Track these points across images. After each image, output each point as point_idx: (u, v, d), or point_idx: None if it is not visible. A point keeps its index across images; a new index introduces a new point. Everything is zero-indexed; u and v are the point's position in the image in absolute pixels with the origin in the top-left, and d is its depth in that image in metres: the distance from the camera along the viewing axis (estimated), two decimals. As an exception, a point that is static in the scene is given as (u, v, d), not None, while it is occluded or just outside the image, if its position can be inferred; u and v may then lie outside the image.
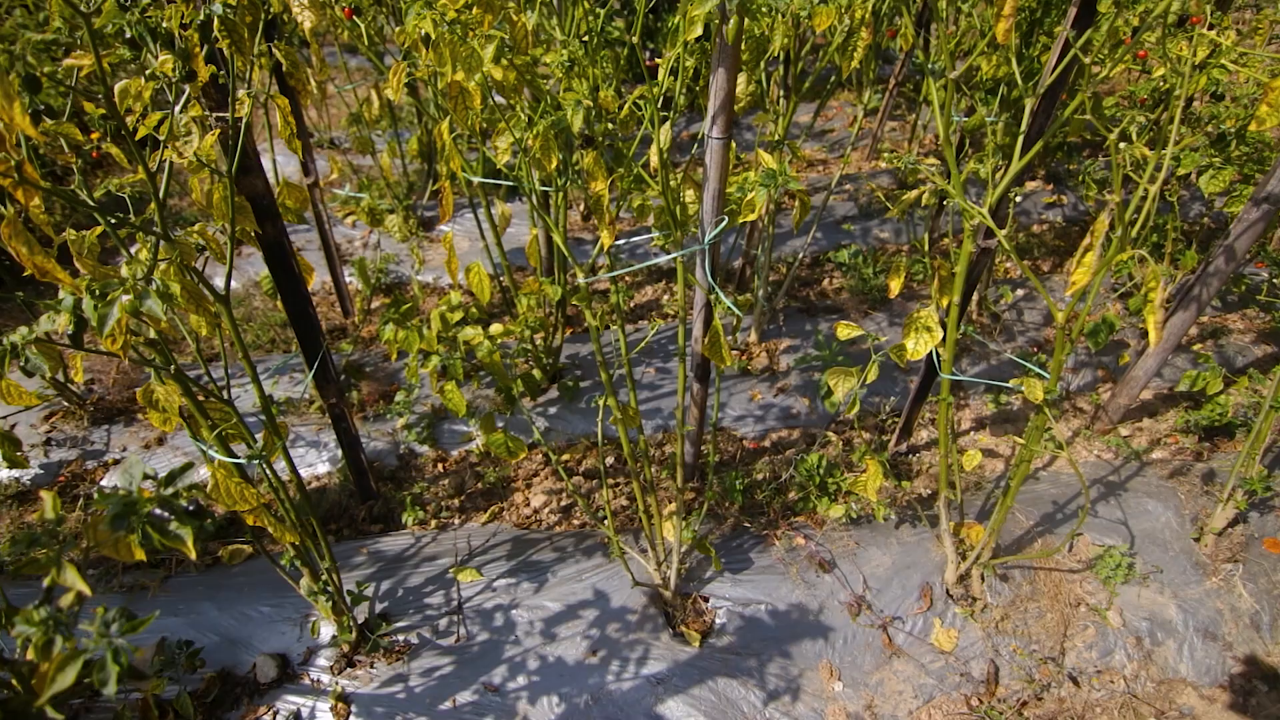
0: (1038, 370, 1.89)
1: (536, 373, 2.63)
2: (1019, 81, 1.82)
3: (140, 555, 0.97)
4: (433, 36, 1.36)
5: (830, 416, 2.63)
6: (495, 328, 2.11)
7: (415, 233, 3.62)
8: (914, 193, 1.74)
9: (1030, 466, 1.84)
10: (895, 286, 1.96)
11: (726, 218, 1.73)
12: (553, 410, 2.64)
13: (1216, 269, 2.18)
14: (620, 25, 1.93)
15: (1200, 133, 2.59)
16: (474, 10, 1.70)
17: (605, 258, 1.71)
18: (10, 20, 2.98)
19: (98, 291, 1.13)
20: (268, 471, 1.68)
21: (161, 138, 1.21)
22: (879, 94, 4.52)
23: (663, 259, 1.86)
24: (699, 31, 1.32)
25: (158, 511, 0.87)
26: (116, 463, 2.58)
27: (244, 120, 1.46)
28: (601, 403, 1.83)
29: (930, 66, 2.99)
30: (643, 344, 1.78)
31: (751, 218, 1.64)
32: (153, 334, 1.40)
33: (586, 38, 1.91)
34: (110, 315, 1.13)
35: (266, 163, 3.94)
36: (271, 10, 1.93)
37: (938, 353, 2.07)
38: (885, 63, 5.11)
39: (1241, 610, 2.08)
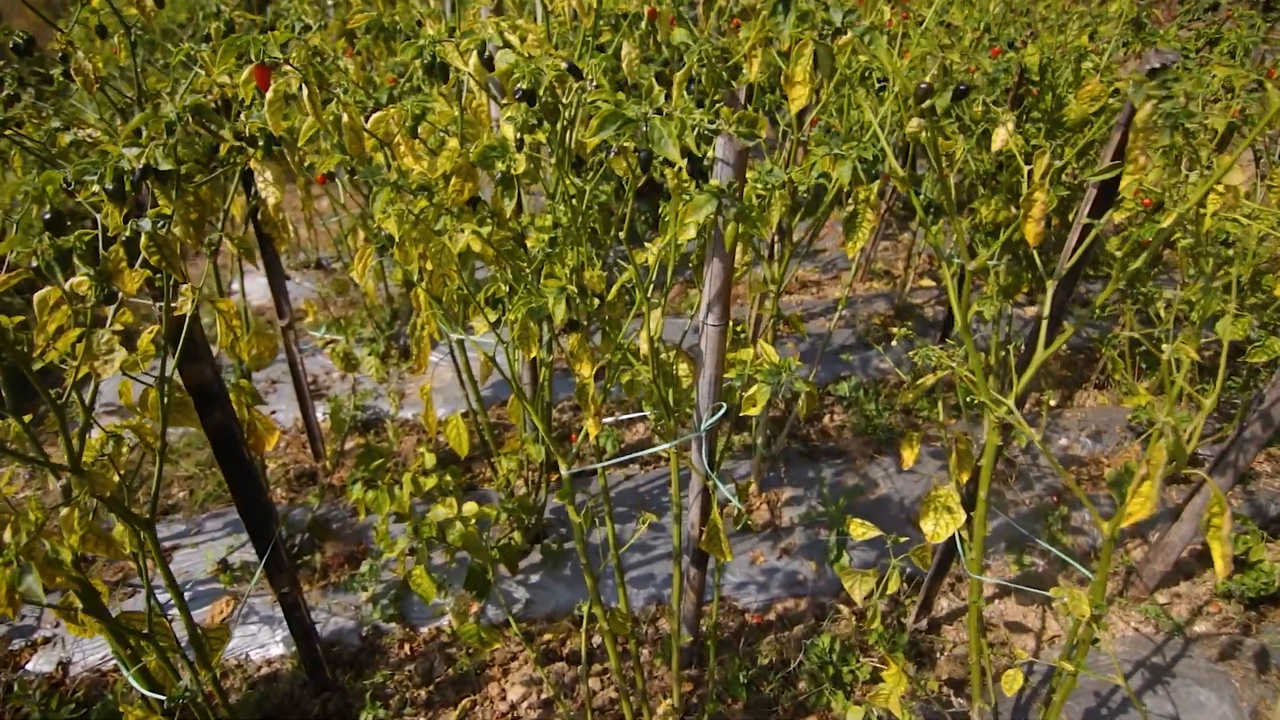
0: (1079, 566, 1.69)
1: (517, 535, 2.41)
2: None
3: None
4: (396, 237, 1.23)
5: (840, 582, 2.40)
6: (469, 507, 1.91)
7: (398, 364, 3.48)
8: (930, 377, 1.59)
9: (1076, 681, 1.61)
10: (909, 458, 1.79)
11: (724, 405, 1.57)
12: (535, 578, 2.41)
13: (1253, 435, 2.02)
14: (608, 189, 1.84)
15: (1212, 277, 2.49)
16: (453, 181, 1.59)
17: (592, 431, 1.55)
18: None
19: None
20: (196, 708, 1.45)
21: (75, 363, 1.05)
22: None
23: (659, 447, 1.69)
24: (693, 234, 1.19)
25: None
26: (46, 641, 2.31)
27: (188, 315, 1.31)
28: (586, 609, 1.61)
29: (923, 197, 2.93)
30: (634, 539, 1.60)
31: (754, 412, 1.48)
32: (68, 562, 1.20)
33: (574, 200, 1.80)
34: (-17, 592, 0.93)
35: (241, 284, 3.83)
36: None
37: (960, 535, 1.88)
38: (875, 180, 5.15)
39: (1324, 834, 1.80)
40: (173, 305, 1.27)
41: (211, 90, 1.91)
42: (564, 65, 1.11)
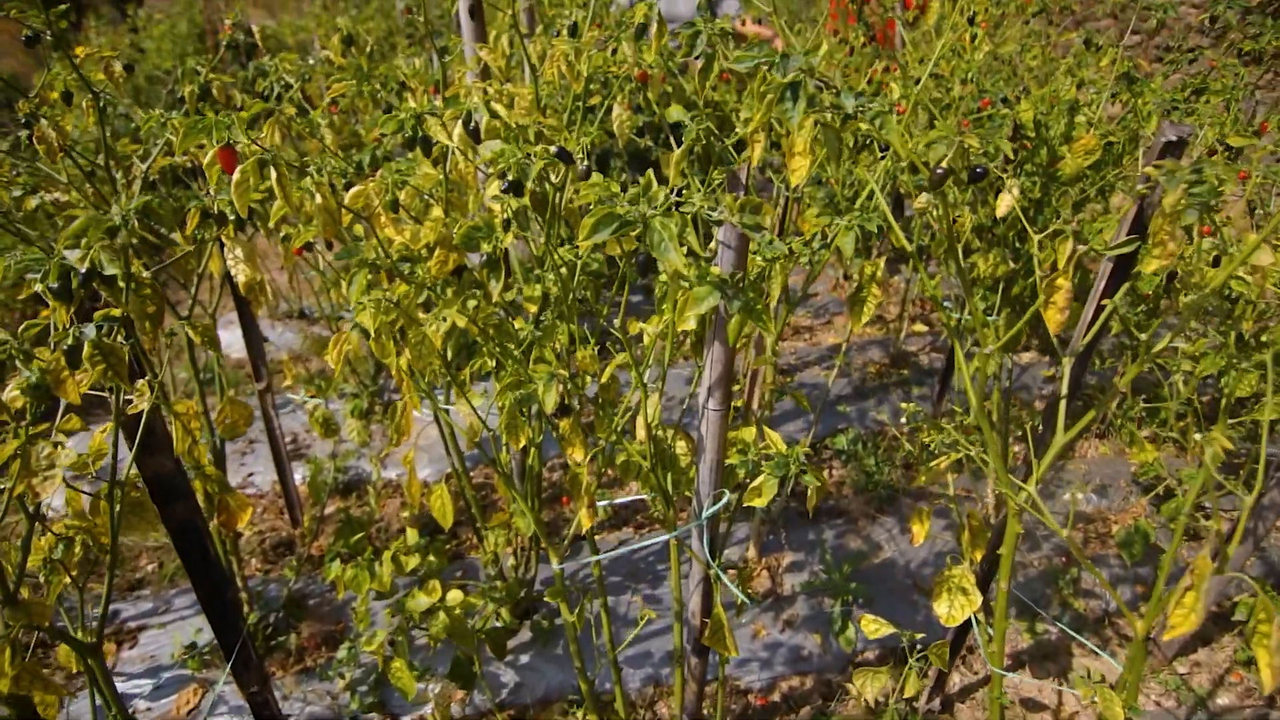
0: (1101, 652, 1.59)
1: (505, 613, 2.27)
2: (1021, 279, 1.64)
3: None
4: (370, 331, 1.13)
5: (847, 657, 2.29)
6: (454, 595, 1.79)
7: (381, 420, 3.36)
8: (943, 460, 1.51)
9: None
10: (920, 534, 1.70)
11: (726, 493, 1.48)
12: (524, 658, 2.27)
13: (1272, 501, 1.95)
14: (600, 258, 1.76)
15: (1216, 331, 2.45)
16: (436, 253, 1.50)
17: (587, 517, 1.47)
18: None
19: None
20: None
21: (8, 483, 0.94)
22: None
23: (657, 539, 1.58)
24: (692, 326, 1.11)
25: None
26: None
27: (144, 413, 1.20)
28: (581, 717, 1.49)
29: (913, 244, 2.87)
30: (629, 639, 1.49)
31: (759, 503, 1.39)
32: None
33: (564, 271, 1.72)
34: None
35: (216, 339, 3.70)
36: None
37: (976, 617, 1.78)
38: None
39: None
40: (128, 399, 1.17)
41: (187, 152, 1.83)
42: (554, 150, 1.03)
